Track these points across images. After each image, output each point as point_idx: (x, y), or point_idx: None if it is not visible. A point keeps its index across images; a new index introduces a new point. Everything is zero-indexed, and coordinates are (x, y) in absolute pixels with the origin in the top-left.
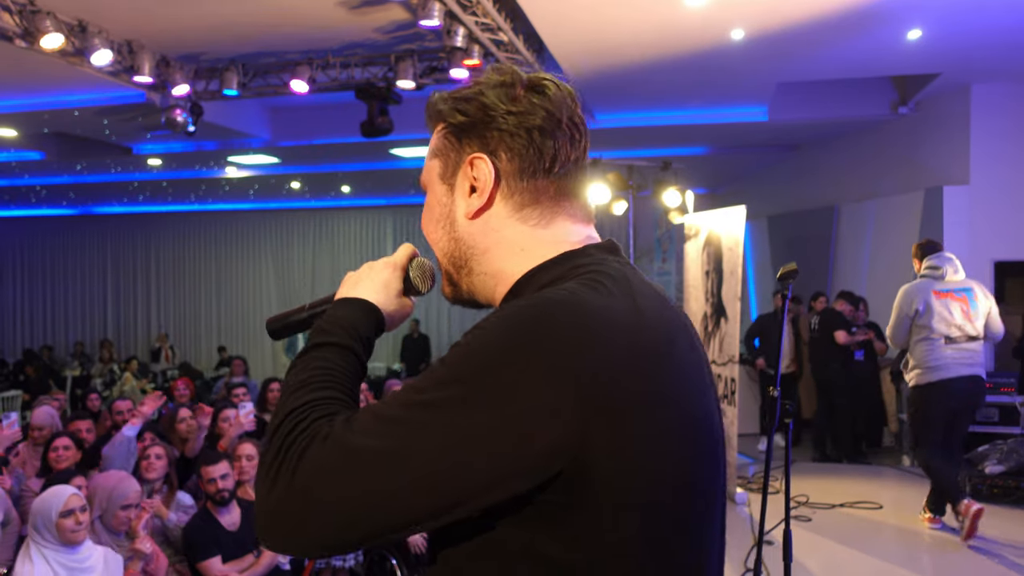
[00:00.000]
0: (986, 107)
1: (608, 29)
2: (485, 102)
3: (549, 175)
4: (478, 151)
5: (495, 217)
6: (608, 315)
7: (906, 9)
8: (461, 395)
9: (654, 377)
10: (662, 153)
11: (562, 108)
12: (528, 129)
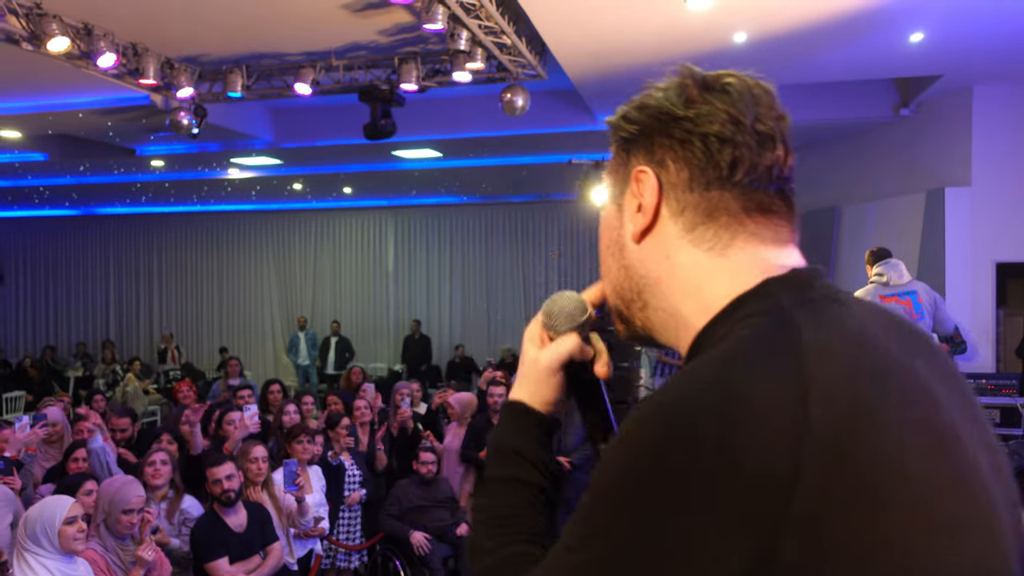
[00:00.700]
0: (988, 109)
1: (610, 32)
2: (652, 106)
3: (729, 186)
4: (644, 163)
5: (665, 238)
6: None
7: (908, 12)
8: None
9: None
10: None
11: (746, 108)
12: (702, 135)
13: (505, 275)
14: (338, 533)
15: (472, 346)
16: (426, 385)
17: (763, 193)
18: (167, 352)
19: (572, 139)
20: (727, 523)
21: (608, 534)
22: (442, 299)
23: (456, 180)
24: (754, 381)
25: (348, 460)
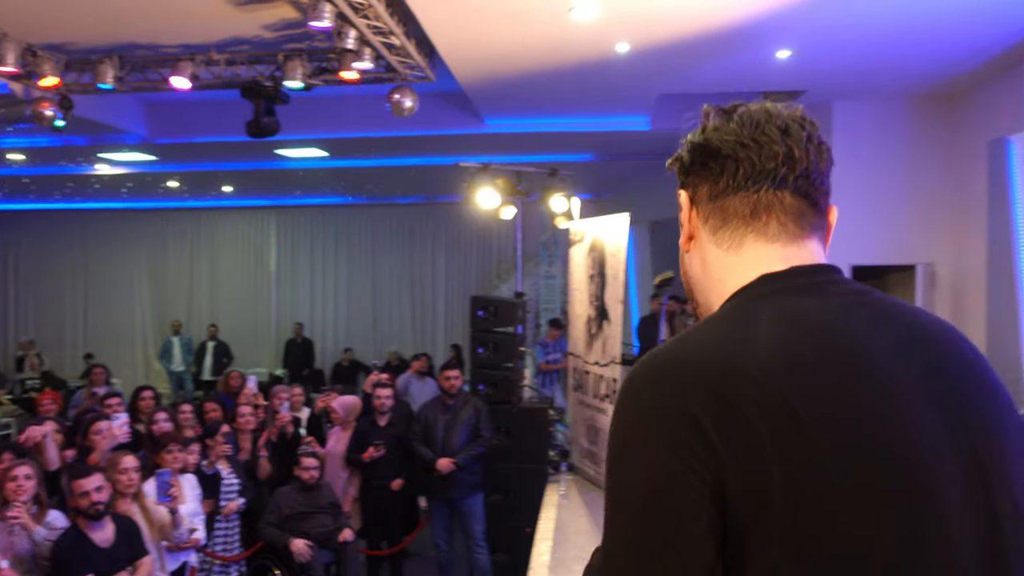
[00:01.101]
0: (846, 124)
1: (499, 38)
2: (685, 142)
3: (738, 193)
4: (681, 188)
5: (701, 244)
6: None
7: (775, 31)
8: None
9: (753, 438)
10: (550, 159)
11: (747, 124)
12: (710, 152)
13: (392, 277)
14: (214, 544)
15: (357, 349)
16: (309, 390)
17: (770, 194)
18: (25, 360)
19: (460, 141)
20: (666, 449)
21: (611, 474)
22: (326, 301)
23: (342, 180)
24: (701, 354)
25: (226, 468)
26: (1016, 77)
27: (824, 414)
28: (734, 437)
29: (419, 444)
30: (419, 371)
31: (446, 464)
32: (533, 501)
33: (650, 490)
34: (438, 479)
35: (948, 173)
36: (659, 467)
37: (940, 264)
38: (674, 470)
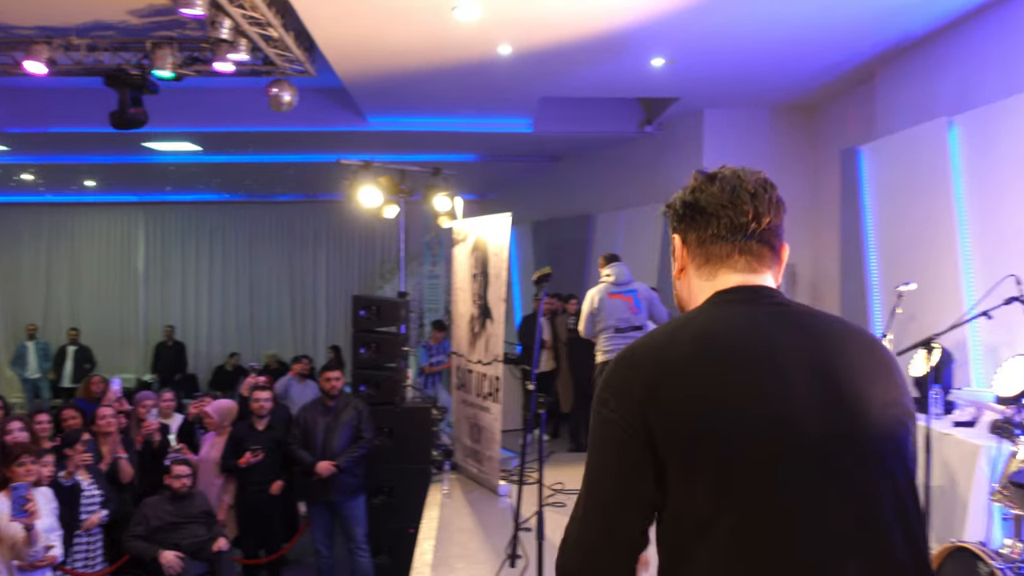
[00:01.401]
0: (716, 130)
1: (382, 35)
2: (675, 199)
3: (718, 240)
4: (675, 233)
5: (689, 276)
6: (648, 351)
7: (650, 39)
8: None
9: (679, 388)
10: (433, 159)
11: (726, 189)
12: (699, 210)
13: (270, 277)
14: (74, 561)
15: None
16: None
17: (742, 243)
18: None
19: (342, 139)
20: (626, 418)
21: (594, 441)
22: (200, 303)
23: (217, 176)
24: (643, 346)
25: (86, 479)
26: (866, 92)
27: (717, 383)
28: (658, 405)
29: (298, 447)
30: (300, 373)
31: (326, 467)
32: (416, 501)
33: (607, 436)
34: (318, 483)
35: (806, 179)
36: (615, 424)
37: (800, 265)
38: (621, 426)
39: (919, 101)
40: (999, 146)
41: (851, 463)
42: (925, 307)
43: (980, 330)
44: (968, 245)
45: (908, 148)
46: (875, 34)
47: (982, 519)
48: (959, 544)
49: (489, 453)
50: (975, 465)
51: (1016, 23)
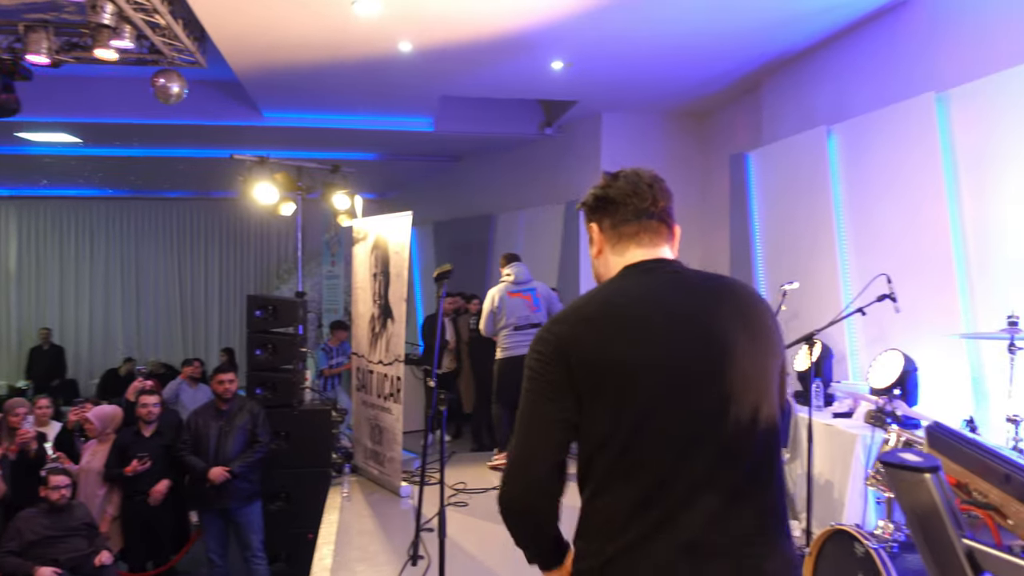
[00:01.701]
0: (613, 133)
1: (277, 26)
2: (588, 196)
3: (626, 222)
4: (592, 222)
5: (606, 253)
6: (569, 315)
7: (550, 42)
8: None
9: (593, 341)
10: (332, 156)
11: (630, 182)
12: (610, 200)
13: (158, 278)
14: None
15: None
16: (59, 402)
17: (645, 222)
18: None
19: (236, 133)
20: (557, 370)
21: (526, 385)
22: (80, 304)
23: (99, 170)
24: (568, 307)
25: None
26: (753, 100)
27: (610, 337)
28: (575, 345)
29: (189, 454)
30: (191, 377)
31: (219, 473)
32: (316, 506)
33: (538, 372)
34: (211, 490)
35: (698, 183)
36: (547, 374)
37: (692, 264)
38: (555, 374)
39: (801, 110)
40: (872, 154)
41: (718, 396)
42: (807, 305)
43: (856, 326)
44: (845, 246)
45: (791, 155)
46: (761, 45)
47: (859, 504)
48: (837, 527)
49: (390, 454)
50: (852, 453)
51: (885, 40)
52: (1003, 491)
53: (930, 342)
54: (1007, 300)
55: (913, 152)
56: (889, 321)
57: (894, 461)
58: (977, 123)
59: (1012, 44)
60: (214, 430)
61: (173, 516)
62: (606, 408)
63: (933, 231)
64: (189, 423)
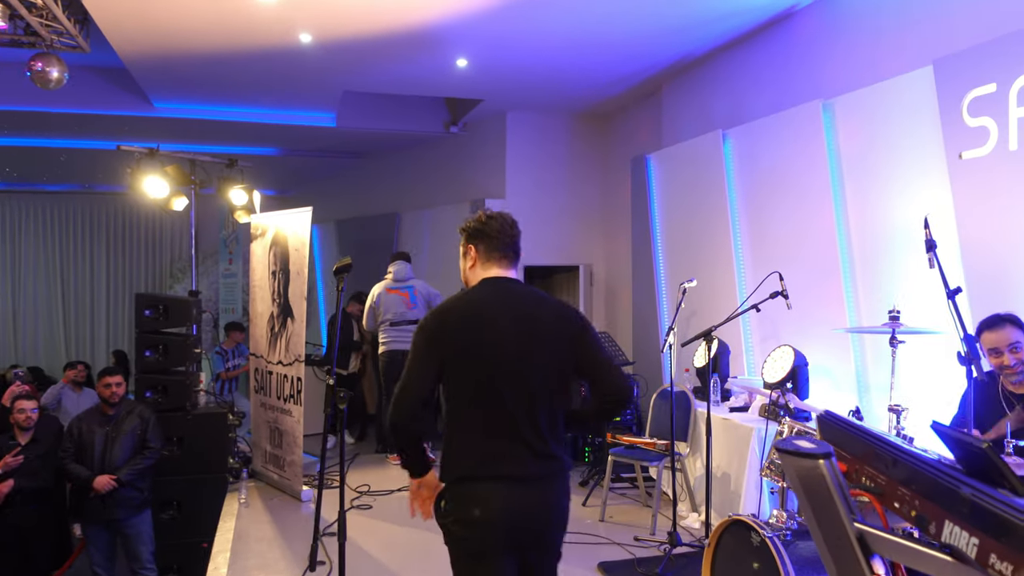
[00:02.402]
0: (517, 132)
1: (167, 11)
2: (470, 224)
3: (493, 251)
4: (470, 244)
5: (476, 267)
6: (443, 308)
7: (453, 39)
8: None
9: (455, 328)
10: (230, 150)
11: (496, 223)
12: (487, 234)
13: (37, 276)
14: None
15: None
16: None
17: (503, 252)
18: None
19: (125, 124)
20: (428, 348)
21: (411, 354)
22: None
23: None
24: (444, 303)
25: None
26: (655, 103)
27: (467, 326)
28: (445, 333)
29: (71, 462)
30: (75, 380)
31: (104, 482)
32: (211, 513)
33: (420, 346)
34: (96, 500)
35: (601, 184)
36: (422, 346)
37: (596, 265)
38: (427, 347)
39: (699, 114)
40: (764, 158)
41: (530, 368)
42: (705, 302)
43: (752, 323)
44: (741, 246)
45: (689, 157)
46: (661, 49)
47: (755, 494)
48: (734, 518)
49: (291, 458)
50: (748, 446)
51: (777, 48)
52: (890, 476)
53: (818, 337)
54: (888, 297)
55: (801, 157)
56: (782, 317)
57: (789, 448)
58: (860, 130)
59: (894, 55)
60: (99, 436)
61: (52, 529)
62: (463, 373)
63: (820, 232)
64: (71, 429)
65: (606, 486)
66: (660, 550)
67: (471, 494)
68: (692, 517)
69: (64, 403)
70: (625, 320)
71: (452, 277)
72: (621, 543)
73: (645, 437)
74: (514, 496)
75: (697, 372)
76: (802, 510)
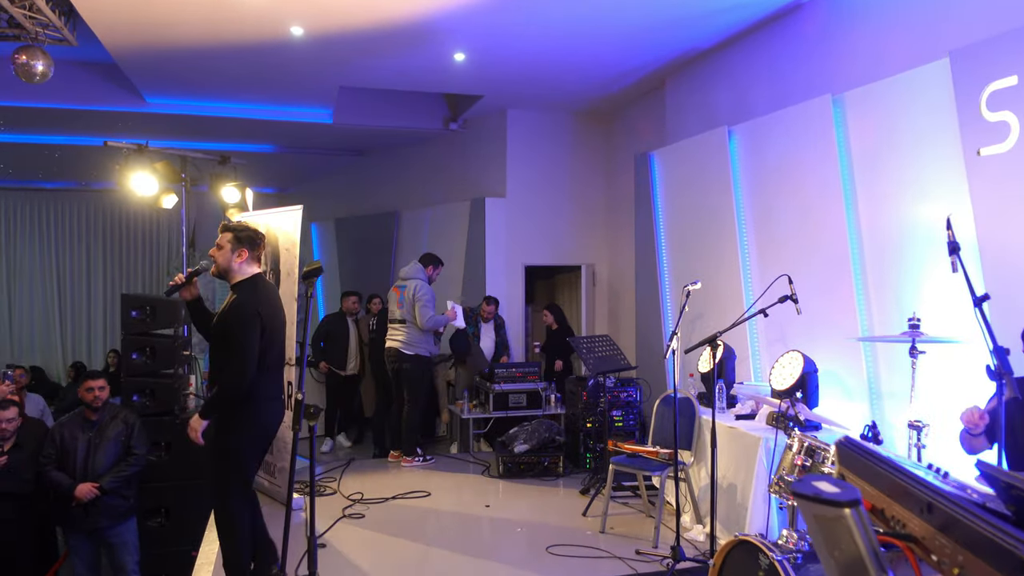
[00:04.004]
0: (518, 130)
1: (154, 2)
2: (244, 233)
3: (256, 252)
4: (243, 248)
5: (243, 262)
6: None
7: (449, 31)
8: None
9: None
10: (226, 147)
11: (260, 235)
12: (252, 241)
13: (33, 276)
14: None
15: None
16: None
17: (259, 253)
18: None
19: (116, 120)
20: (258, 313)
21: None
22: None
23: None
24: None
25: None
26: (657, 100)
27: (271, 308)
28: (261, 307)
29: (53, 469)
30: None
31: (86, 490)
32: (198, 521)
33: (252, 321)
34: (79, 508)
35: (603, 182)
36: (255, 315)
37: (599, 265)
38: (254, 316)
39: (703, 110)
40: (771, 155)
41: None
42: (711, 304)
43: (758, 327)
44: (747, 246)
45: (694, 154)
46: (664, 43)
47: (762, 508)
48: (741, 538)
49: (282, 464)
50: (756, 457)
51: (784, 42)
52: (925, 521)
53: (828, 343)
54: (902, 301)
55: (811, 153)
56: (789, 321)
57: (807, 493)
58: (872, 126)
59: (908, 47)
60: (82, 443)
61: (35, 537)
62: (266, 340)
63: (830, 231)
64: (53, 435)
65: (607, 496)
66: (663, 565)
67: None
68: (696, 529)
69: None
70: (628, 322)
71: (453, 277)
72: (623, 557)
73: (648, 445)
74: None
75: (701, 377)
76: (822, 561)
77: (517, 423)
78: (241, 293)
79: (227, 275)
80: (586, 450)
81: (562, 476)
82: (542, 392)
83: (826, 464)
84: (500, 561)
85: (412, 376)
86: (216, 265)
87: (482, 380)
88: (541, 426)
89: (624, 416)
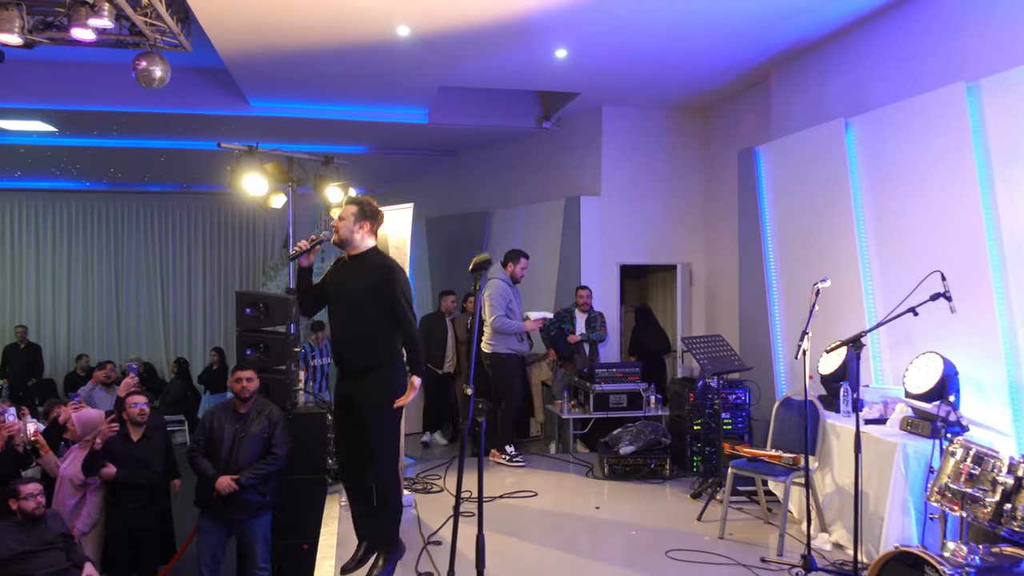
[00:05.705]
0: (614, 127)
1: (268, 8)
2: (369, 207)
3: (374, 225)
4: (364, 221)
5: (364, 233)
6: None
7: (553, 28)
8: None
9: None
10: (323, 149)
11: (381, 212)
12: (374, 215)
13: (139, 273)
14: None
15: (97, 355)
16: (36, 401)
17: (377, 228)
18: None
19: (221, 123)
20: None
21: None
22: (58, 301)
23: (76, 162)
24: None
25: None
26: (762, 93)
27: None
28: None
29: (200, 455)
30: (103, 382)
31: (226, 484)
32: (312, 515)
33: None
34: (218, 497)
35: (702, 180)
36: (403, 276)
37: (696, 264)
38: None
39: (814, 103)
40: (896, 147)
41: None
42: (829, 304)
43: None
44: (866, 242)
45: (806, 148)
46: (772, 36)
47: (900, 517)
48: (901, 549)
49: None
50: (891, 464)
51: (908, 28)
52: None
53: (961, 344)
54: None
55: (942, 144)
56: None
57: None
58: (1011, 114)
59: None
60: (228, 434)
61: (159, 525)
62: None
63: (965, 227)
64: (205, 420)
65: (725, 501)
66: (791, 574)
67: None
68: (822, 538)
69: (98, 405)
70: (727, 322)
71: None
72: (748, 565)
73: (767, 449)
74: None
75: (822, 379)
76: None
77: (616, 424)
78: (374, 257)
79: (347, 245)
80: (693, 453)
81: (668, 479)
82: (643, 393)
83: (999, 472)
84: (619, 565)
85: (495, 374)
86: (337, 234)
87: (582, 380)
88: (646, 427)
89: (732, 419)
